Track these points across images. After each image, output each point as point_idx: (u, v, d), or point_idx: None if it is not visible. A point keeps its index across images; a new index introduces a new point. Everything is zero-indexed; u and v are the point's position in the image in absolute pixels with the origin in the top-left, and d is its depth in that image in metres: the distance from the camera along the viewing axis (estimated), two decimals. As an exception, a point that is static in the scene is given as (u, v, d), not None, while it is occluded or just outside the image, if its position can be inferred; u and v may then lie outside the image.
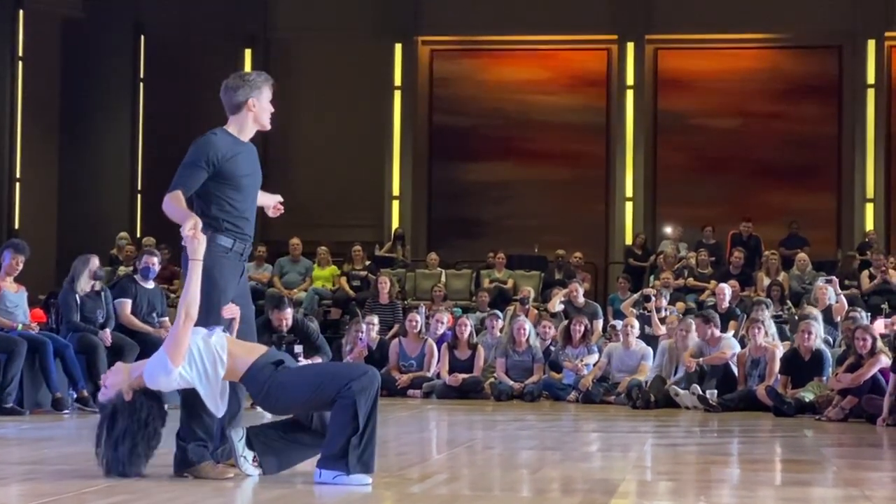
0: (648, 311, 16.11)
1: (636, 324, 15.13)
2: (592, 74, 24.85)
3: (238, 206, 6.54)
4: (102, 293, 12.69)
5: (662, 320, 16.03)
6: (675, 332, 14.48)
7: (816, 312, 15.13)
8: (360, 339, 15.62)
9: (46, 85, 23.46)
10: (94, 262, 12.74)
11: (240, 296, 6.64)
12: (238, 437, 6.40)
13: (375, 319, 16.36)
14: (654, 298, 16.44)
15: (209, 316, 6.40)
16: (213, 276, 6.43)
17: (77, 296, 12.47)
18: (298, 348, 12.81)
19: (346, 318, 19.05)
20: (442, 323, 16.18)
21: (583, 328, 15.26)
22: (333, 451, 6.18)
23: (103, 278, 12.69)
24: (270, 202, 7.02)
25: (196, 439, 6.39)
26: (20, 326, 11.88)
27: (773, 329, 14.19)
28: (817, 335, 13.31)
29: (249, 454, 6.40)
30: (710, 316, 14.30)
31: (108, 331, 12.38)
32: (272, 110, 6.71)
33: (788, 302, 17.97)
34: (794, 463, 8.32)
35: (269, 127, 6.72)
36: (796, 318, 15.84)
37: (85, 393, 11.88)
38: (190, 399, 6.38)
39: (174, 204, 6.34)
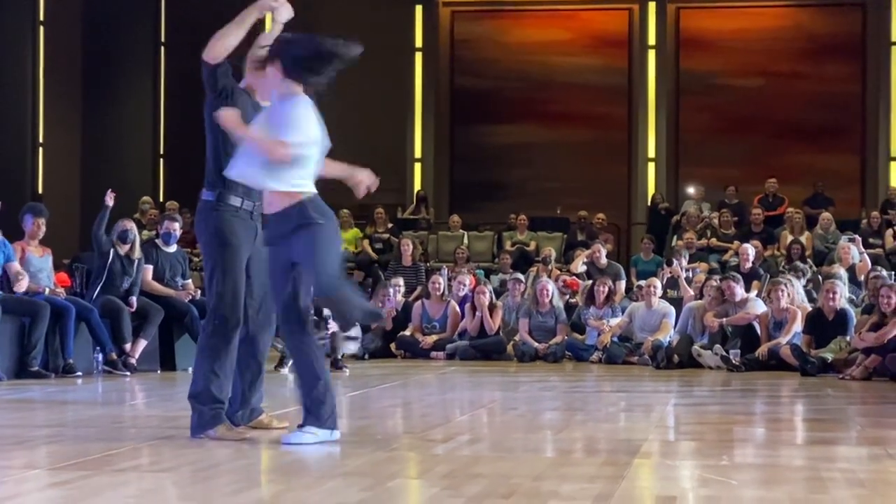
0: (673, 275, 16.14)
1: (658, 283, 15.11)
2: (614, 35, 24.74)
3: None
4: (136, 261, 12.70)
5: (688, 281, 16.03)
6: (706, 294, 14.40)
7: (842, 272, 15.08)
8: (389, 300, 15.65)
9: (68, 49, 23.46)
10: (118, 225, 12.77)
11: (258, 260, 6.53)
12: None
13: (401, 281, 16.42)
14: (675, 263, 16.52)
15: (225, 277, 6.41)
16: (225, 236, 6.44)
17: (109, 259, 12.50)
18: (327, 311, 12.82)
19: (369, 281, 19.09)
20: (464, 285, 16.19)
21: (606, 289, 15.28)
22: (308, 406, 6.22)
23: (129, 241, 12.65)
24: (355, 178, 6.56)
25: (212, 401, 6.40)
26: (46, 291, 11.90)
27: (801, 293, 14.15)
28: (841, 295, 13.25)
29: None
30: (735, 277, 14.26)
31: (132, 297, 12.43)
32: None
33: (809, 261, 17.91)
34: (818, 422, 8.32)
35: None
36: (819, 277, 15.80)
37: (113, 356, 11.93)
38: (206, 360, 6.42)
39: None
